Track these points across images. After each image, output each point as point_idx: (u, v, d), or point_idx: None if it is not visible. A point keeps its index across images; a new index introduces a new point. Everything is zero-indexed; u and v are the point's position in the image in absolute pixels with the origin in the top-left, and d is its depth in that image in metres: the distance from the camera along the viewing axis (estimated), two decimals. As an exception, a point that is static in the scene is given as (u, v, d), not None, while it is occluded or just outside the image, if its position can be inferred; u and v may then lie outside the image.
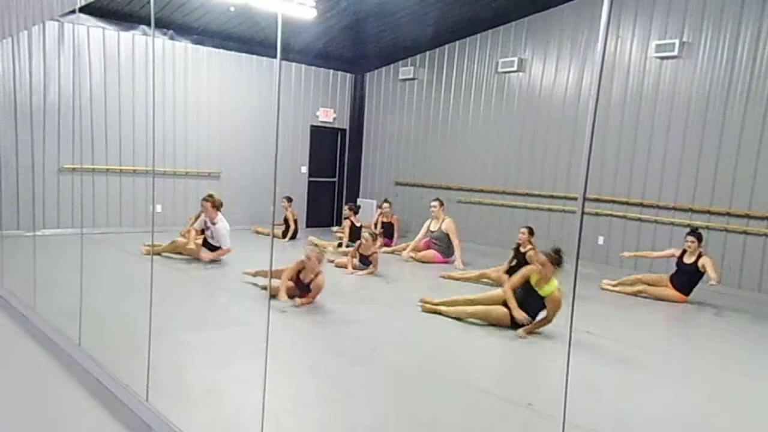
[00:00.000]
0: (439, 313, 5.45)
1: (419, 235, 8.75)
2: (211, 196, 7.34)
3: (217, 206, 7.30)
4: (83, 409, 3.30)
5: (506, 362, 4.74)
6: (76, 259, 4.27)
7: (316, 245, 5.47)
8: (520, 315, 4.98)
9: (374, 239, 7.41)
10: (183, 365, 3.97)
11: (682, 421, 3.66)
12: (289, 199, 9.93)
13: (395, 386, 3.94)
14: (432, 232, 8.57)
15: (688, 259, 6.72)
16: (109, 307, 5.01)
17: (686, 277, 6.69)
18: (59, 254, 6.51)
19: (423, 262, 8.39)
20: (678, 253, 6.90)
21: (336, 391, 3.75)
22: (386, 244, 9.29)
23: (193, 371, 3.91)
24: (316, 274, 5.54)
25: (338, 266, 7.56)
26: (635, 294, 6.86)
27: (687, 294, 6.68)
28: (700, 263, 6.60)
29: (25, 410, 3.30)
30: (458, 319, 5.34)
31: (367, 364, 4.27)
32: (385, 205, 9.88)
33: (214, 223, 7.30)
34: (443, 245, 8.42)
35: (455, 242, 8.37)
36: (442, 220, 8.50)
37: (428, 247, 8.52)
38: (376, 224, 9.80)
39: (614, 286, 7.10)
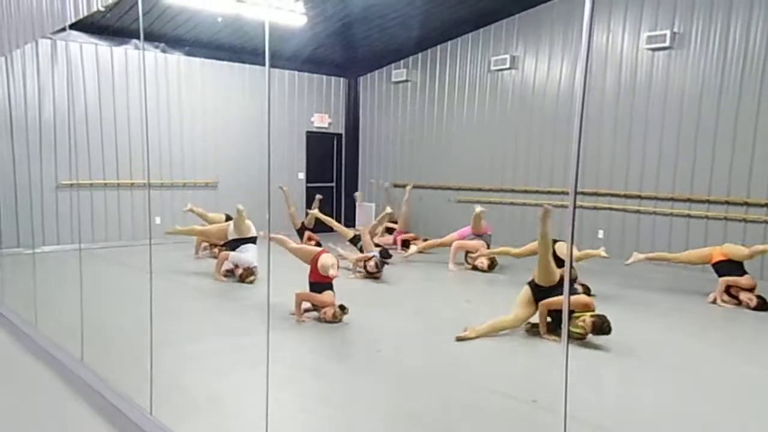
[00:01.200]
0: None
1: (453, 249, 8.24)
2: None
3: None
4: (87, 425, 3.30)
5: (513, 360, 4.73)
6: (76, 274, 4.27)
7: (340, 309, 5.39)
8: (549, 338, 4.90)
9: None
10: (186, 377, 3.97)
11: (682, 411, 3.66)
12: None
13: (400, 388, 3.93)
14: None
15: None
16: (111, 321, 5.01)
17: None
18: (59, 270, 6.52)
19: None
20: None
21: (340, 395, 3.75)
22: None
23: (197, 382, 3.91)
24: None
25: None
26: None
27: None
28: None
29: (29, 428, 3.30)
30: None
31: (371, 366, 4.27)
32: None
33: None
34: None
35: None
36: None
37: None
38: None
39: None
